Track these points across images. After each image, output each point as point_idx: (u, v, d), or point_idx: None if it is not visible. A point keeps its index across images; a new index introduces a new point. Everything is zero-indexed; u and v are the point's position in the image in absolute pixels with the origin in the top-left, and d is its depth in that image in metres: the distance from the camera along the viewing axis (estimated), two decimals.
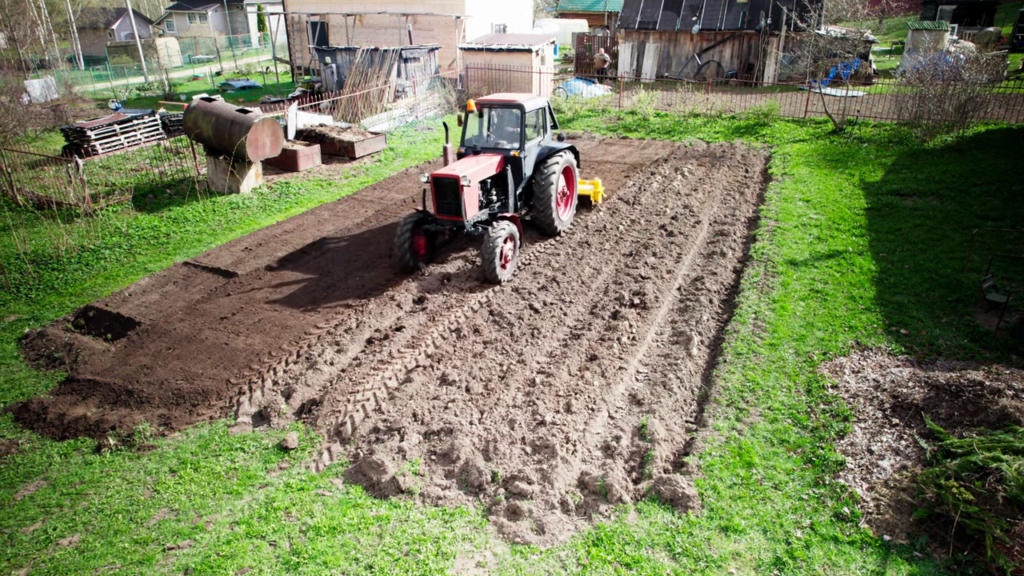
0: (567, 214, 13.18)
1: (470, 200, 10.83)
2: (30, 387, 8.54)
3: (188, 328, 9.66)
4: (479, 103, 12.08)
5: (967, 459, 5.96)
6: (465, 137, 12.28)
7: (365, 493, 6.53)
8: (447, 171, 10.76)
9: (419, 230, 11.27)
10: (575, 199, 13.44)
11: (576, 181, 13.30)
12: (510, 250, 10.86)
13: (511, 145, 12.07)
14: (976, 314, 9.34)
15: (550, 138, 12.99)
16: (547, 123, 12.77)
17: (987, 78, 19.90)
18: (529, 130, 12.27)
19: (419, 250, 11.37)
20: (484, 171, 11.21)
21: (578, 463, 6.74)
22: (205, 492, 6.61)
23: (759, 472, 6.58)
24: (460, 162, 11.36)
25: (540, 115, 12.53)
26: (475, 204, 11.05)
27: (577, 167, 13.25)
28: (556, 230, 12.60)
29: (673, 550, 5.75)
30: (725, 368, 8.30)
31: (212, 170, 16.04)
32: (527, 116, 11.98)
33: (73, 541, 6.04)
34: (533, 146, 12.26)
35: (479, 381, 8.18)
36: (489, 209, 11.70)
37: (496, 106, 12.20)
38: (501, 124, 12.93)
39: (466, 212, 10.78)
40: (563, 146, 12.69)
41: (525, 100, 11.79)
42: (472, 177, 10.74)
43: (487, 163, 11.33)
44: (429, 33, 31.66)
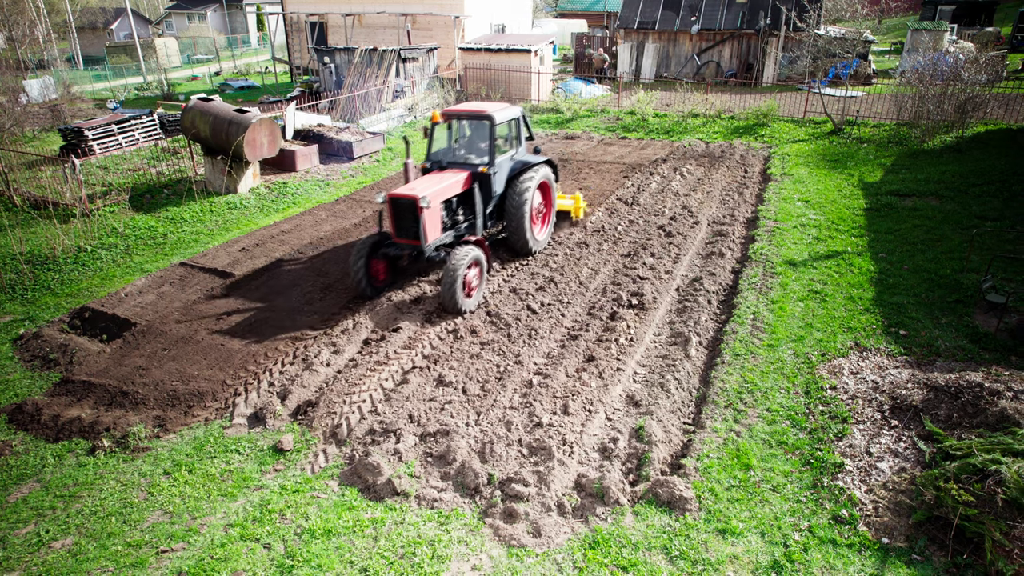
0: (543, 233, 12.25)
1: (431, 223, 9.86)
2: (25, 388, 8.50)
3: (184, 329, 9.62)
4: (445, 114, 11.16)
5: (966, 461, 5.92)
6: (430, 151, 11.31)
7: (360, 495, 6.49)
8: (405, 191, 9.77)
9: (377, 254, 10.32)
10: (553, 216, 12.54)
11: (554, 197, 12.38)
12: (475, 277, 9.84)
13: (480, 160, 11.07)
14: (975, 315, 9.31)
15: (525, 151, 11.98)
16: (521, 135, 11.76)
17: (986, 78, 19.87)
18: (500, 143, 11.42)
19: (378, 275, 10.38)
20: (449, 189, 10.23)
21: (575, 465, 6.70)
22: (199, 494, 6.56)
23: (757, 474, 6.54)
24: (422, 179, 10.40)
25: (513, 127, 11.56)
26: (437, 227, 10.10)
27: (556, 181, 12.39)
28: (530, 250, 11.73)
29: (670, 553, 5.71)
30: (723, 369, 8.26)
31: (210, 170, 15.99)
32: (497, 128, 11.10)
33: (66, 544, 6.00)
34: (505, 160, 11.25)
35: (476, 382, 8.14)
36: (455, 231, 10.71)
37: (464, 117, 11.18)
38: (469, 137, 12.02)
39: (426, 236, 9.77)
40: (539, 160, 11.74)
41: (495, 111, 10.83)
42: (434, 197, 9.82)
43: (452, 180, 10.33)
44: (428, 33, 31.62)
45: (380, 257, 10.36)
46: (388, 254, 10.37)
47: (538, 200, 11.80)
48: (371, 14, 32.15)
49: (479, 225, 10.99)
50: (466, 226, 10.97)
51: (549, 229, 12.42)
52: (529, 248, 11.62)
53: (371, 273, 10.23)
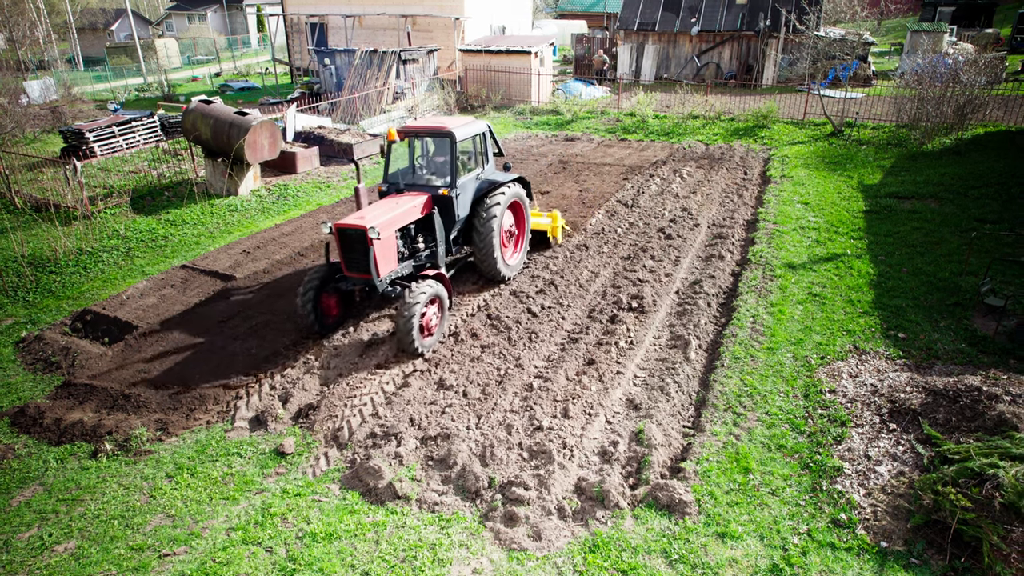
0: (515, 257, 11.27)
1: (383, 255, 8.88)
2: (27, 391, 8.53)
3: (185, 332, 9.65)
4: (403, 131, 10.20)
5: (964, 465, 5.96)
6: (388, 172, 10.38)
7: (362, 499, 6.52)
8: (353, 220, 8.78)
9: (328, 287, 9.35)
10: (526, 239, 11.51)
11: (527, 217, 11.37)
12: (434, 314, 8.98)
13: (441, 182, 10.15)
14: (974, 318, 9.34)
15: (493, 169, 10.95)
16: (489, 151, 10.78)
17: (985, 80, 19.91)
18: (464, 162, 10.54)
19: (329, 311, 9.49)
20: (405, 216, 9.33)
21: (575, 469, 6.74)
22: (201, 498, 6.60)
23: (756, 478, 6.58)
24: (376, 205, 9.49)
25: (478, 143, 10.57)
26: (391, 258, 9.11)
27: (529, 199, 11.39)
28: (501, 277, 10.75)
29: (670, 556, 5.74)
30: (723, 372, 8.29)
31: (210, 172, 16.03)
32: (460, 145, 10.14)
33: (69, 547, 6.03)
34: (469, 181, 10.29)
35: (476, 386, 8.17)
36: (414, 260, 9.73)
37: (422, 134, 10.27)
38: (430, 156, 11.08)
39: (378, 270, 8.79)
40: (508, 178, 10.77)
41: (456, 126, 9.93)
42: (386, 226, 8.87)
43: (409, 205, 9.42)
44: (428, 34, 31.66)
45: (331, 291, 9.43)
46: (340, 288, 9.46)
47: (509, 222, 10.96)
48: (371, 15, 32.19)
49: (441, 254, 10.04)
50: (427, 254, 9.99)
51: (522, 253, 11.46)
52: (499, 275, 10.70)
53: (321, 309, 9.33)
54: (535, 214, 12.66)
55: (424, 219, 9.85)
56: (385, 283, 9.05)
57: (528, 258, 11.94)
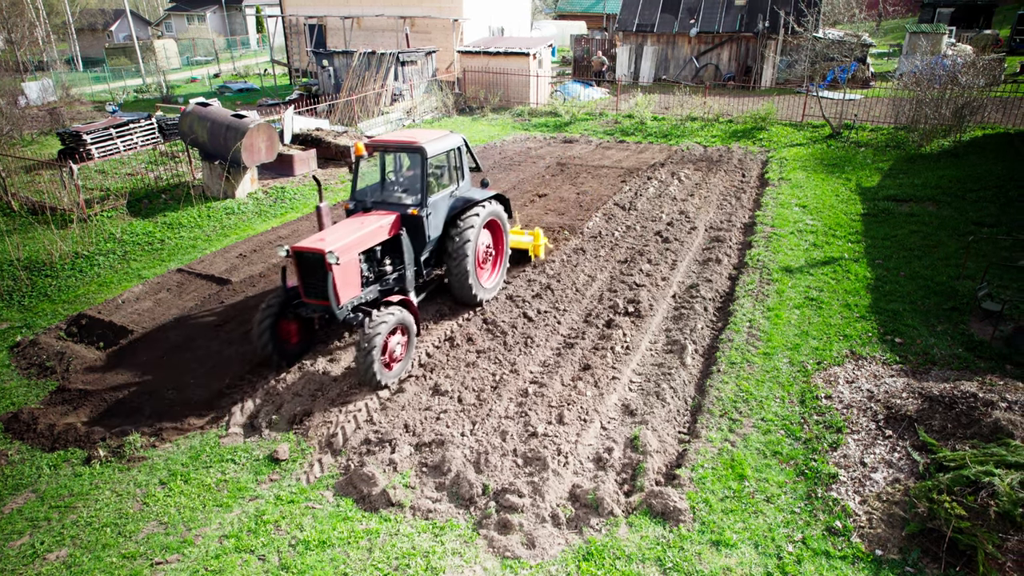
0: (493, 279, 10.61)
1: (343, 281, 8.26)
2: (21, 396, 8.50)
3: (180, 337, 9.62)
4: (371, 146, 9.63)
5: (960, 473, 5.94)
6: (355, 189, 9.77)
7: (355, 506, 6.50)
8: (311, 242, 8.22)
9: (288, 313, 8.69)
10: (505, 259, 10.89)
11: (506, 236, 10.76)
12: (400, 344, 8.33)
13: (411, 200, 9.54)
14: (971, 323, 9.32)
15: (468, 185, 10.34)
16: (464, 167, 10.15)
17: (984, 82, 19.89)
18: (437, 179, 10.00)
19: (289, 338, 8.81)
20: (369, 237, 8.71)
21: (570, 476, 6.71)
22: (195, 505, 6.57)
23: (751, 485, 6.55)
24: (339, 226, 8.87)
25: (453, 158, 9.99)
26: (353, 284, 8.50)
27: (509, 218, 10.86)
28: (476, 301, 10.07)
29: (664, 565, 5.72)
30: (719, 378, 8.27)
31: (207, 175, 16.00)
32: (432, 161, 9.55)
33: (60, 555, 6.00)
34: (442, 199, 9.68)
35: (471, 391, 8.15)
36: (380, 284, 9.11)
37: (392, 149, 9.65)
38: (400, 172, 10.53)
39: (337, 297, 8.16)
40: (485, 195, 10.19)
41: (428, 141, 9.31)
42: (348, 249, 8.27)
43: (375, 226, 8.80)
44: (427, 36, 31.64)
45: (292, 317, 8.77)
46: (300, 314, 8.80)
47: (485, 242, 10.32)
48: (370, 17, 32.18)
49: (409, 277, 9.40)
50: (395, 278, 9.36)
51: (501, 274, 10.79)
52: (474, 299, 10.03)
53: (281, 336, 8.69)
54: (516, 231, 12.12)
55: (392, 240, 9.20)
56: (346, 310, 8.44)
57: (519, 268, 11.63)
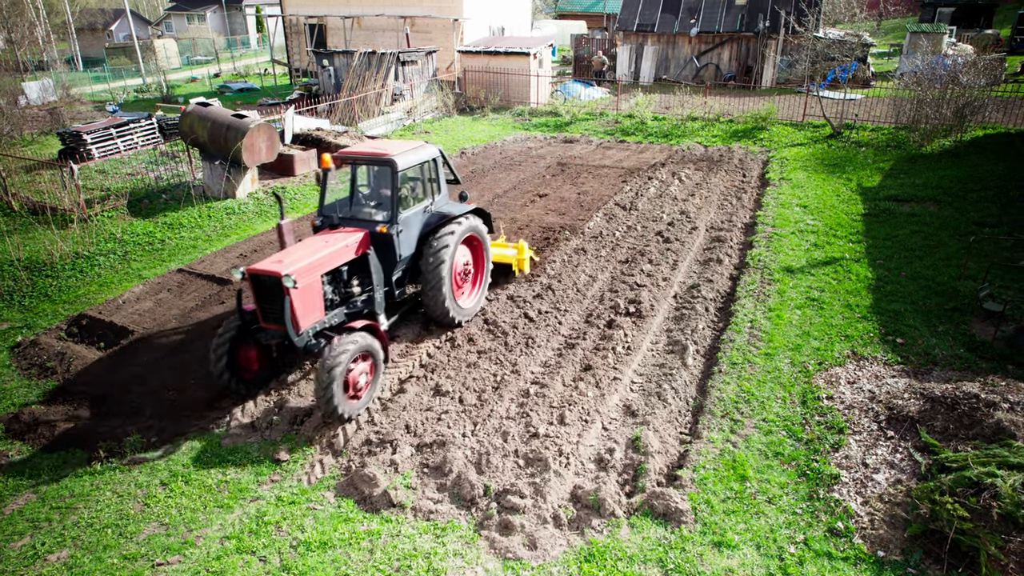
0: (472, 299, 10.04)
1: (303, 305, 7.66)
2: (21, 397, 8.50)
3: (181, 337, 9.62)
4: (339, 158, 9.07)
5: (962, 474, 5.93)
6: (323, 204, 9.24)
7: (356, 507, 6.49)
8: (268, 264, 7.60)
9: (247, 339, 8.10)
10: (486, 276, 10.25)
11: (487, 252, 10.17)
12: (364, 373, 7.70)
13: (381, 216, 9.00)
14: (973, 323, 9.31)
15: (445, 199, 9.74)
16: (441, 179, 9.59)
17: (985, 81, 19.88)
18: (408, 194, 9.38)
19: (249, 364, 8.20)
20: (334, 257, 8.11)
21: (571, 476, 6.71)
22: (196, 506, 6.56)
23: (753, 486, 6.54)
24: (301, 245, 8.28)
25: (428, 170, 9.40)
26: (315, 308, 7.89)
27: (489, 232, 10.22)
28: (453, 321, 9.51)
29: (665, 566, 5.71)
30: (720, 378, 8.26)
31: (208, 175, 15.99)
32: (403, 175, 9.01)
33: (62, 557, 6.00)
34: (415, 215, 9.11)
35: (472, 392, 8.14)
36: (347, 307, 8.50)
37: (361, 162, 9.10)
38: (370, 186, 9.90)
39: (296, 323, 7.58)
40: (463, 209, 9.67)
41: (400, 153, 8.74)
42: (308, 270, 7.68)
43: (340, 244, 8.21)
44: (427, 36, 31.62)
45: (251, 343, 8.16)
46: (259, 340, 8.20)
47: (463, 259, 9.76)
48: (370, 16, 32.16)
49: (379, 299, 8.83)
50: (364, 300, 8.77)
51: (481, 292, 10.21)
52: (451, 321, 9.49)
53: (240, 363, 8.12)
54: (499, 244, 11.48)
55: (359, 260, 8.64)
56: (308, 336, 7.83)
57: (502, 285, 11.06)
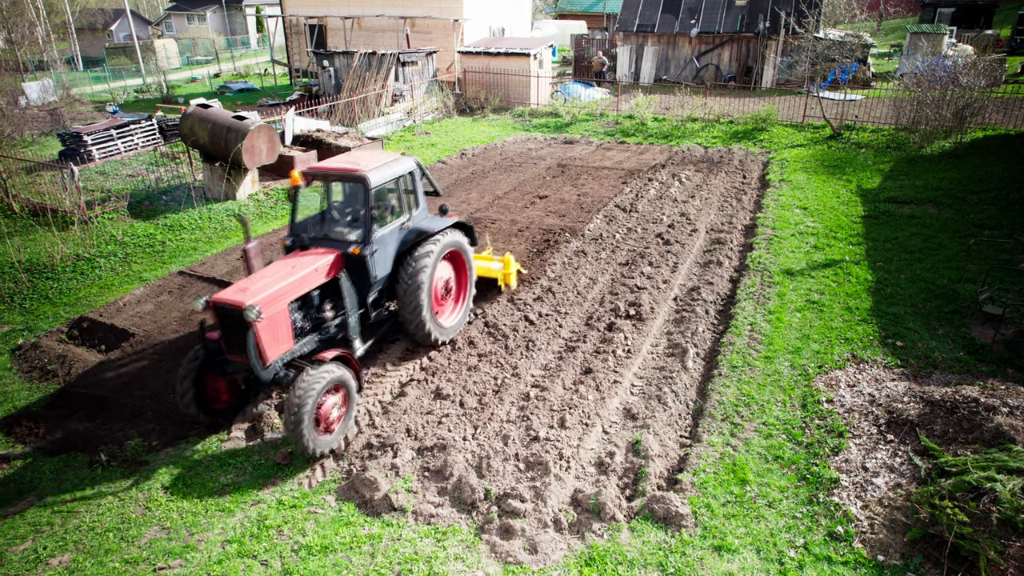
0: (454, 317, 9.58)
1: (269, 337, 7.14)
2: (23, 400, 8.51)
3: (182, 340, 9.63)
4: (308, 173, 8.43)
5: (961, 478, 5.95)
6: (295, 222, 8.69)
7: (357, 510, 6.50)
8: (232, 293, 7.06)
9: (215, 369, 7.63)
10: (470, 292, 9.79)
11: (470, 269, 9.71)
12: (336, 406, 7.19)
13: (355, 236, 8.43)
14: (972, 326, 9.32)
15: (424, 213, 9.24)
16: (418, 193, 9.09)
17: (985, 82, 19.89)
18: (384, 210, 8.85)
19: (219, 394, 7.80)
20: (303, 283, 7.59)
21: (571, 480, 6.72)
22: (197, 509, 6.58)
23: (753, 489, 6.56)
24: (268, 269, 7.73)
25: (404, 185, 8.86)
26: (282, 338, 7.37)
27: (472, 245, 9.81)
28: (433, 342, 9.05)
29: (666, 570, 5.72)
30: (720, 381, 8.27)
31: (208, 176, 16.00)
32: (377, 192, 8.38)
33: (63, 560, 6.01)
34: (391, 233, 8.61)
35: (473, 395, 8.15)
36: (320, 333, 8.05)
37: (332, 178, 8.51)
38: (341, 203, 9.29)
39: (263, 355, 7.10)
40: (443, 224, 9.08)
41: (373, 168, 8.19)
42: (275, 299, 7.17)
43: (310, 268, 7.68)
44: (427, 36, 31.63)
45: (220, 372, 7.69)
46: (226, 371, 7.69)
47: (444, 276, 9.31)
48: (370, 17, 32.16)
49: (352, 324, 8.35)
50: (338, 324, 8.32)
51: (464, 309, 9.75)
52: (431, 340, 9.00)
53: (209, 394, 7.71)
54: (485, 258, 10.99)
55: (331, 283, 8.15)
56: (275, 368, 7.34)
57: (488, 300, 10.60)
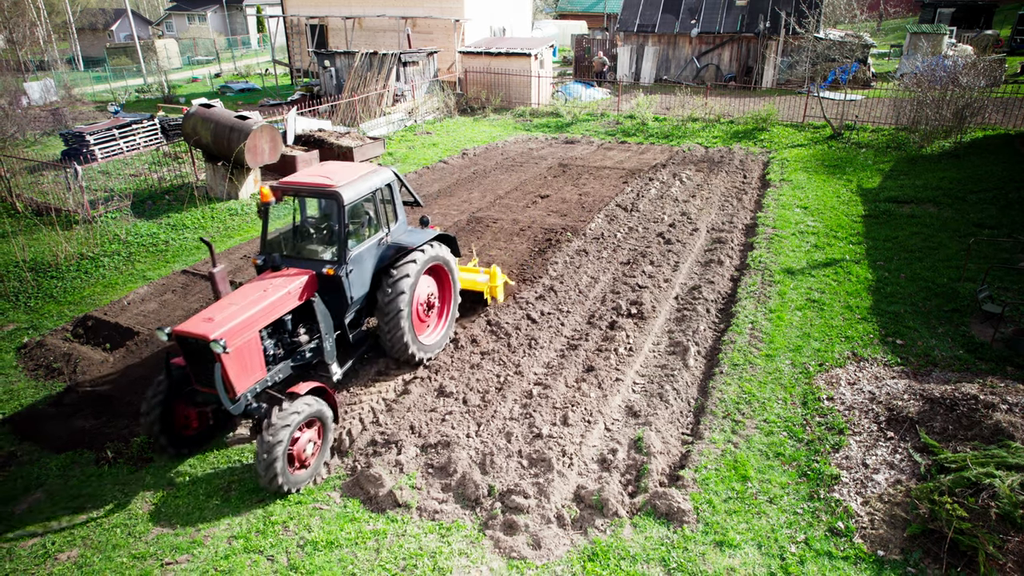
0: (436, 334, 9.12)
1: (238, 368, 6.73)
2: (29, 397, 8.57)
3: None
4: (279, 188, 7.93)
5: (961, 474, 6.01)
6: (266, 240, 8.26)
7: (362, 507, 6.57)
8: (196, 324, 6.63)
9: (184, 396, 7.22)
10: (454, 307, 9.35)
11: (454, 281, 9.30)
12: (310, 440, 6.78)
13: (329, 255, 8.03)
14: (972, 324, 9.38)
15: (404, 227, 8.82)
16: (397, 206, 8.69)
17: (984, 82, 19.94)
18: (360, 226, 8.43)
19: (189, 422, 7.37)
20: (275, 308, 7.16)
21: (574, 477, 6.78)
22: (203, 505, 6.64)
23: (754, 486, 6.62)
24: (237, 294, 7.27)
25: (381, 198, 8.40)
26: (253, 368, 6.94)
27: (456, 257, 9.45)
28: (414, 360, 8.60)
29: (668, 565, 5.78)
30: (721, 379, 8.33)
31: (211, 176, 16.06)
32: (352, 209, 7.90)
33: (71, 556, 6.08)
34: (368, 250, 8.16)
35: (476, 393, 8.21)
36: (294, 359, 7.64)
37: (303, 193, 7.97)
38: (314, 219, 8.88)
39: (231, 388, 6.70)
40: (424, 238, 8.64)
41: (347, 183, 7.75)
42: (243, 328, 6.75)
43: (283, 292, 7.25)
44: (428, 36, 31.68)
45: (190, 401, 7.27)
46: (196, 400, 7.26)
47: (427, 291, 8.85)
48: (371, 17, 32.21)
49: (328, 349, 7.84)
50: (313, 349, 7.85)
51: (448, 325, 9.31)
52: (411, 359, 8.56)
53: (179, 422, 7.29)
54: (470, 270, 10.55)
55: (306, 305, 7.70)
56: (246, 400, 6.92)
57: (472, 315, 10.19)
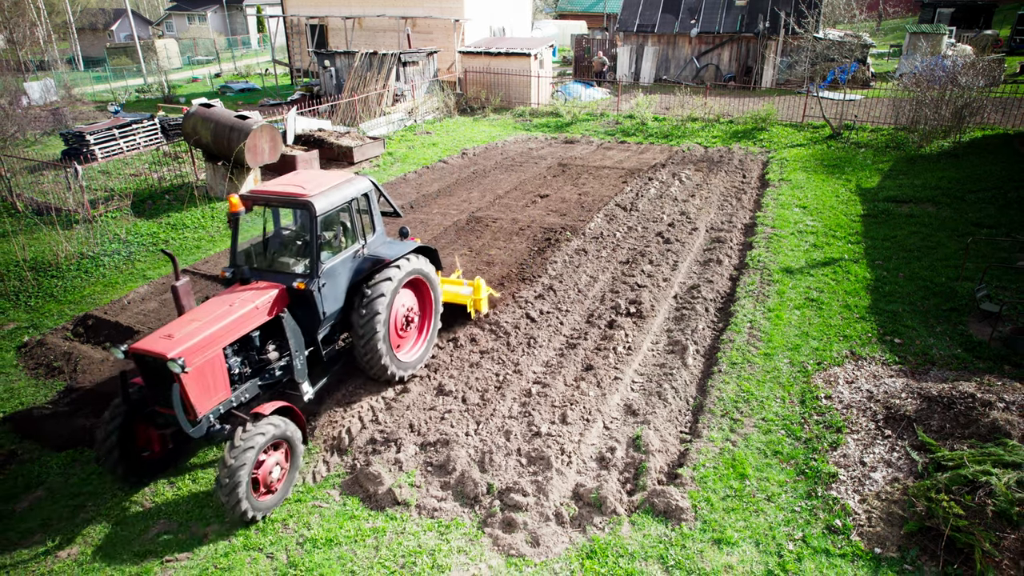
0: (416, 350, 8.69)
1: (199, 389, 6.28)
2: (29, 396, 8.60)
3: None
4: (249, 198, 7.51)
5: (958, 472, 6.03)
6: (236, 251, 7.80)
7: (362, 505, 6.59)
8: (154, 342, 6.18)
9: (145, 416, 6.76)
10: (435, 322, 8.94)
11: (435, 295, 8.86)
12: (277, 464, 6.43)
13: (300, 268, 7.64)
14: (970, 323, 9.41)
15: (382, 239, 8.38)
16: (375, 216, 8.26)
17: (984, 82, 19.96)
18: (335, 237, 8.11)
19: (150, 444, 6.91)
20: (241, 324, 6.73)
21: (573, 475, 6.80)
22: (203, 503, 6.66)
23: (752, 484, 6.64)
24: (201, 308, 6.85)
25: (357, 207, 7.99)
26: (215, 388, 6.50)
27: (438, 270, 9.07)
28: (392, 378, 8.20)
29: (666, 563, 5.81)
30: (720, 378, 8.36)
31: (211, 176, 16.09)
32: (322, 221, 7.38)
33: (72, 553, 6.10)
34: (343, 263, 7.73)
35: (475, 391, 8.24)
36: (262, 377, 7.18)
37: (275, 203, 7.52)
38: (287, 230, 8.54)
39: (192, 410, 6.24)
40: (403, 250, 8.23)
41: (320, 192, 7.37)
42: (208, 344, 6.34)
43: (249, 307, 6.81)
44: (428, 36, 31.71)
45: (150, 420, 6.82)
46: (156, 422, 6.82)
47: (406, 305, 8.42)
48: (371, 17, 32.24)
49: (298, 367, 7.41)
50: (283, 367, 7.38)
51: (429, 341, 8.88)
52: (391, 379, 8.20)
53: (139, 444, 6.81)
54: (453, 282, 10.17)
55: (275, 321, 7.22)
56: (208, 422, 6.44)
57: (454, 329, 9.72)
